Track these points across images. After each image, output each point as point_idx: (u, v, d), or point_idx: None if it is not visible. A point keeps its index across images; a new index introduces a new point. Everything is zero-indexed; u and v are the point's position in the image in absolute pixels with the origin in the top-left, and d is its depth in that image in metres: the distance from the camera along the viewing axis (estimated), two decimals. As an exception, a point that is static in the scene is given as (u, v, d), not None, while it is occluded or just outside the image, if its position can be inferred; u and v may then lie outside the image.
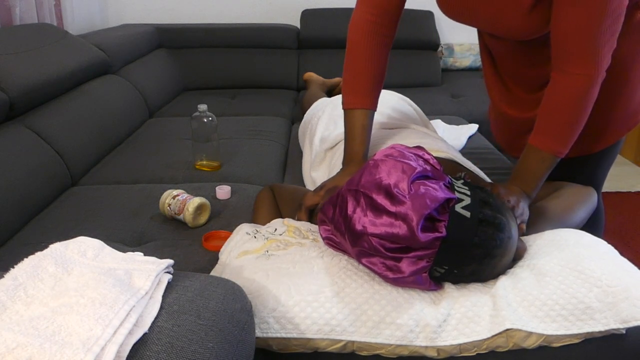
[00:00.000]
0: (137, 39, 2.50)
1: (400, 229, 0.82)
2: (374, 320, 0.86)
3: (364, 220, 0.86)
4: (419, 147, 0.98)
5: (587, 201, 1.20)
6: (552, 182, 1.28)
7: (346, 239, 0.89)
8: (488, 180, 1.28)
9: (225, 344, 0.67)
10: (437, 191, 0.85)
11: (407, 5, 1.23)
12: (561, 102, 1.07)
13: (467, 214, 0.85)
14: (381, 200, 0.85)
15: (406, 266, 0.84)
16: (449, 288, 0.91)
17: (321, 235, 0.99)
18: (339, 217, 0.91)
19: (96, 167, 1.75)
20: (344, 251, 0.96)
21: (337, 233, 0.93)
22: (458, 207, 0.85)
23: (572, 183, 1.26)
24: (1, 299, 0.66)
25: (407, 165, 0.88)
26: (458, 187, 0.90)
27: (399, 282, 0.87)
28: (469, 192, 0.89)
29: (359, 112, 1.20)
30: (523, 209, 1.06)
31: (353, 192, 0.90)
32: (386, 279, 0.87)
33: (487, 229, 0.86)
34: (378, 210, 0.85)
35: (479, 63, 3.12)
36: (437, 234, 0.82)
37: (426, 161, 0.94)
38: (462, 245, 0.85)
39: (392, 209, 0.83)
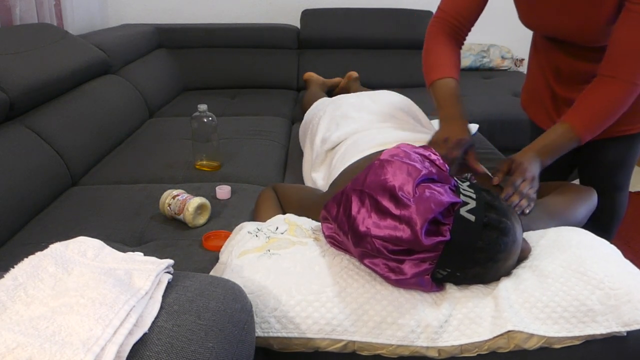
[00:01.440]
0: (137, 39, 2.50)
1: (404, 232, 0.82)
2: (375, 320, 0.86)
3: (368, 221, 0.85)
4: (425, 147, 0.97)
5: (587, 200, 1.20)
6: (552, 182, 1.28)
7: (349, 239, 0.89)
8: (488, 173, 1.28)
9: (225, 344, 0.67)
10: (442, 195, 0.84)
11: (407, 5, 1.26)
12: (602, 98, 1.17)
13: (472, 217, 0.85)
14: (386, 202, 0.84)
15: (409, 268, 0.83)
16: (450, 289, 0.91)
17: (324, 233, 0.99)
18: (342, 217, 0.91)
19: (96, 167, 1.75)
20: (345, 250, 0.96)
21: (340, 232, 0.92)
22: (463, 211, 0.85)
23: (573, 183, 1.26)
24: (1, 299, 0.66)
25: (412, 167, 0.88)
26: (463, 189, 0.89)
27: (401, 283, 0.86)
28: (474, 195, 0.88)
29: (448, 80, 1.28)
30: (534, 180, 1.12)
31: (358, 192, 0.89)
32: (388, 280, 0.87)
33: (491, 233, 0.85)
34: (382, 212, 0.84)
35: (479, 63, 3.12)
36: (441, 238, 0.82)
37: (432, 162, 0.93)
38: (466, 249, 0.84)
39: (397, 212, 0.83)
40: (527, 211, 1.08)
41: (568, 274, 0.89)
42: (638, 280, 0.89)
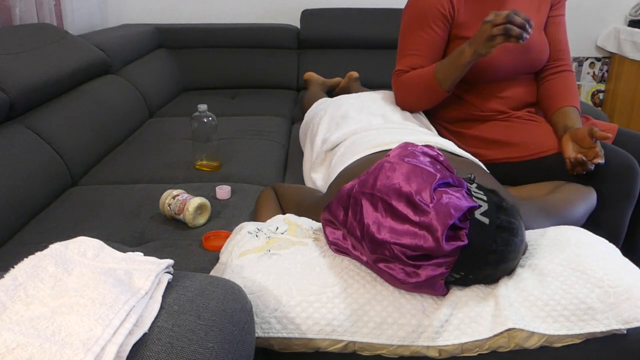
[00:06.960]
0: (137, 39, 2.50)
1: (424, 239, 0.81)
2: (376, 320, 0.86)
3: (384, 228, 0.84)
4: (429, 147, 0.96)
5: (586, 199, 1.20)
6: (552, 181, 1.28)
7: (363, 246, 0.87)
8: (487, 170, 1.27)
9: (225, 344, 0.67)
10: (460, 200, 0.83)
11: (407, 5, 1.24)
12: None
13: (486, 220, 0.84)
14: (402, 208, 0.83)
15: (425, 272, 0.83)
16: (451, 288, 0.91)
17: (327, 237, 0.98)
18: (352, 222, 0.89)
19: (96, 167, 1.75)
20: (347, 254, 0.95)
21: (351, 238, 0.91)
22: (477, 214, 0.84)
23: (572, 182, 1.26)
24: (1, 299, 0.66)
25: (426, 171, 0.86)
26: (475, 192, 0.89)
27: (416, 287, 0.85)
28: (485, 198, 0.88)
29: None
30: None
31: (369, 196, 0.87)
32: (403, 284, 0.85)
33: (503, 234, 0.85)
34: (399, 218, 0.83)
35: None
36: (460, 243, 0.81)
37: (442, 164, 0.92)
38: (481, 252, 0.84)
39: (415, 218, 0.82)
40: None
41: (567, 272, 0.89)
42: (637, 278, 0.89)
